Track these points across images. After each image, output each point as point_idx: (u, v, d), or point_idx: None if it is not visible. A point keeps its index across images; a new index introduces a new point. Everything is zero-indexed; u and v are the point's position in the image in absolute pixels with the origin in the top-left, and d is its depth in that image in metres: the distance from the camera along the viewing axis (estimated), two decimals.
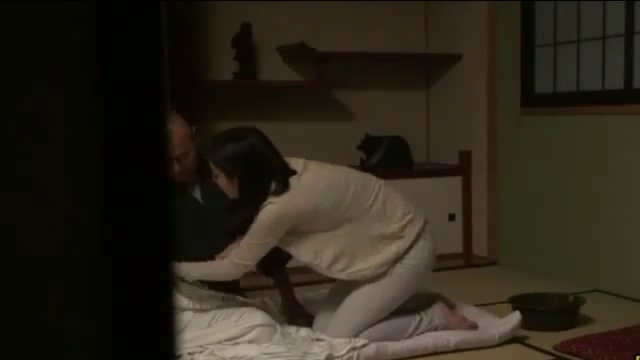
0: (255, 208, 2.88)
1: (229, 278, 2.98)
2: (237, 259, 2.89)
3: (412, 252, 3.00)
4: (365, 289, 2.98)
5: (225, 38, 4.55)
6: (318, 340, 2.92)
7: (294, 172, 2.92)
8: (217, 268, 2.95)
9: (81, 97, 0.52)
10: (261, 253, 2.90)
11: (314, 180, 2.93)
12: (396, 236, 2.98)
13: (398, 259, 2.98)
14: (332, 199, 2.91)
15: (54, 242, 0.53)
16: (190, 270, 2.93)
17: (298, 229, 2.90)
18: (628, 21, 3.80)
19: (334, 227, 2.92)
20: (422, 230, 3.04)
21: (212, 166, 2.94)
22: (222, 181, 2.93)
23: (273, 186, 2.87)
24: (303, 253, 2.95)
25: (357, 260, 2.94)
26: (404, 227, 3.00)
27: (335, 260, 2.93)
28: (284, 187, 2.86)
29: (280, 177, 2.88)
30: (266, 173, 2.88)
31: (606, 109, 3.92)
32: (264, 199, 2.86)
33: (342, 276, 2.98)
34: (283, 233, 2.88)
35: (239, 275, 2.98)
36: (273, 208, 2.84)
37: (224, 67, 4.58)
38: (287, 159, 2.98)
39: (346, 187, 2.96)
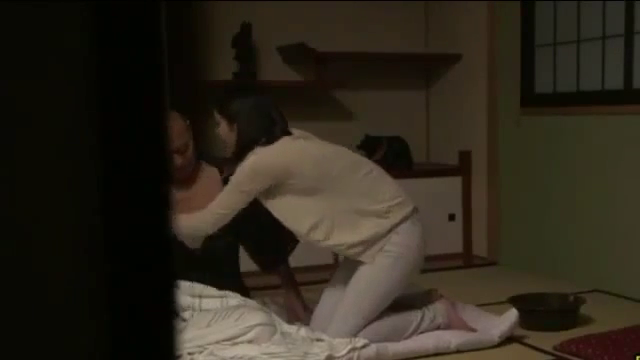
0: (246, 154, 2.97)
1: (207, 229, 2.99)
2: (213, 207, 2.95)
3: (395, 238, 2.97)
4: (358, 286, 2.98)
5: (225, 38, 4.55)
6: (318, 340, 2.92)
7: (289, 134, 3.02)
8: (197, 218, 2.96)
9: (81, 97, 0.52)
10: (237, 202, 2.94)
11: (302, 146, 3.01)
12: (379, 215, 2.97)
13: (379, 243, 2.95)
14: (310, 169, 2.95)
15: (54, 242, 0.53)
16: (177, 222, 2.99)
17: (280, 189, 2.93)
18: (628, 21, 3.80)
19: (318, 194, 2.94)
20: (409, 215, 3.02)
21: (216, 114, 3.06)
22: (223, 129, 3.03)
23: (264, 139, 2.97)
24: (284, 215, 2.98)
25: (335, 233, 2.95)
26: (389, 209, 2.99)
27: (314, 227, 2.95)
28: (271, 140, 2.95)
29: (272, 132, 2.97)
30: (265, 126, 2.98)
31: (606, 109, 3.92)
32: (252, 148, 2.95)
33: (320, 245, 3.00)
34: (262, 187, 2.92)
35: (216, 226, 2.98)
36: (253, 158, 2.93)
37: (224, 67, 4.58)
38: (295, 130, 3.08)
39: (333, 163, 3.00)
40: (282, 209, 2.97)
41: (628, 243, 3.82)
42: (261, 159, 2.93)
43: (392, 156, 4.71)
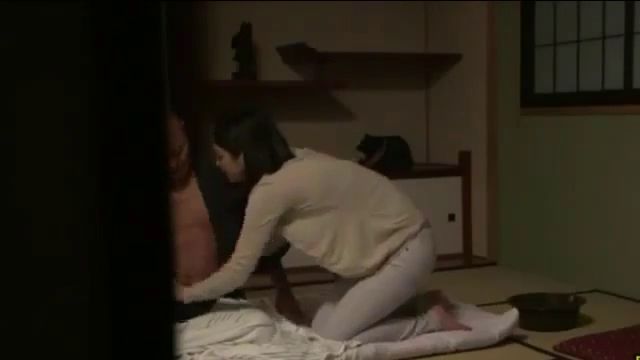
0: (256, 182, 2.91)
1: (237, 282, 2.92)
2: (237, 255, 2.87)
3: (404, 254, 2.96)
4: (359, 293, 2.97)
5: (225, 38, 4.55)
6: (311, 340, 2.92)
7: (292, 156, 2.96)
8: (221, 277, 2.90)
9: (81, 98, 0.52)
10: (259, 239, 2.86)
11: (304, 166, 2.96)
12: (388, 235, 2.95)
13: (389, 260, 2.95)
14: (320, 187, 2.91)
15: (54, 242, 0.53)
16: (194, 292, 2.88)
17: (291, 215, 2.89)
18: (628, 21, 3.80)
19: (329, 213, 2.90)
20: (418, 232, 2.99)
21: (215, 147, 2.98)
22: (226, 161, 2.96)
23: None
24: (298, 241, 2.95)
25: (348, 255, 2.92)
26: (397, 226, 2.96)
27: (329, 251, 2.92)
28: (277, 167, 2.90)
29: (276, 157, 2.92)
30: (269, 151, 2.93)
31: (606, 109, 3.92)
32: (261, 176, 2.90)
33: (335, 270, 2.98)
34: (278, 216, 2.86)
35: (245, 274, 2.89)
36: (263, 189, 2.87)
37: (224, 67, 4.58)
38: (292, 149, 3.02)
39: (340, 178, 2.97)
40: (296, 235, 2.93)
41: (628, 243, 3.82)
42: (271, 189, 2.87)
43: (392, 156, 4.71)
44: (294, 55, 4.74)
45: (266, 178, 2.89)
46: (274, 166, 2.91)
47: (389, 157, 4.69)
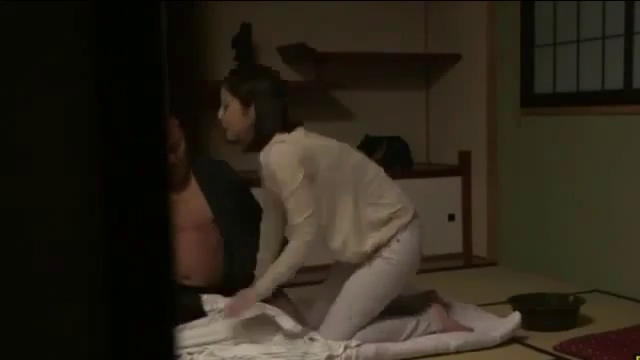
0: (264, 141, 2.83)
1: (310, 246, 2.77)
2: (299, 220, 2.75)
3: (395, 246, 2.95)
4: (353, 288, 2.96)
5: (225, 38, 4.55)
6: (311, 340, 2.92)
7: (302, 124, 2.92)
8: (292, 250, 2.78)
9: (82, 97, 0.52)
10: (308, 194, 2.75)
11: (317, 136, 2.94)
12: (382, 224, 2.94)
13: (379, 251, 2.94)
14: (333, 157, 2.87)
15: (54, 242, 0.53)
16: (266, 284, 2.80)
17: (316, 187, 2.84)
18: (628, 21, 3.80)
19: (331, 190, 2.86)
20: (409, 222, 2.99)
21: (225, 94, 2.86)
22: (233, 112, 2.84)
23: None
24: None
25: (340, 235, 2.90)
26: (391, 216, 2.96)
27: (325, 225, 2.87)
28: (286, 129, 2.84)
29: (288, 119, 2.89)
30: (283, 113, 2.86)
31: (606, 109, 3.93)
32: (272, 134, 2.82)
33: (330, 247, 2.95)
34: (304, 168, 2.76)
35: (315, 233, 2.76)
36: (276, 147, 2.79)
37: (224, 67, 4.58)
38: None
39: (350, 156, 2.95)
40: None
41: (628, 243, 3.82)
42: (286, 147, 2.78)
43: (392, 156, 4.71)
44: (294, 55, 4.74)
45: (279, 136, 2.81)
46: (285, 126, 2.84)
47: (389, 157, 4.69)
